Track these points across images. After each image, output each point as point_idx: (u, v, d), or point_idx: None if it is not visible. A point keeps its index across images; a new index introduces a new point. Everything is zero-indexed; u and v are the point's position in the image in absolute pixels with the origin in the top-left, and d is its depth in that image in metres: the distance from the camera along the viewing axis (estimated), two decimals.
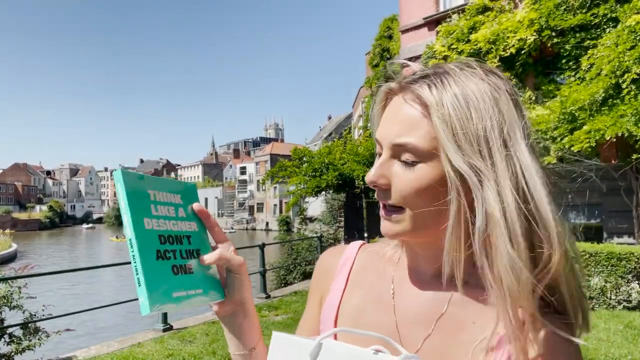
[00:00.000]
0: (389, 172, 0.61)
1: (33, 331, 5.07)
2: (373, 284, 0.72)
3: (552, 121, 9.04)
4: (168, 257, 0.65)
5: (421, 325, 0.65)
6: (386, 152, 0.62)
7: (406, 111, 0.60)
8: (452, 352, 0.61)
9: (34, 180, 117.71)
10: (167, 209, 0.68)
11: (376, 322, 0.68)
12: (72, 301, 14.49)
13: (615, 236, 9.24)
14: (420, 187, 0.59)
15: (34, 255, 36.69)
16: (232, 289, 0.71)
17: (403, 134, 0.59)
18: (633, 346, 5.14)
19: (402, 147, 0.60)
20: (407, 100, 0.60)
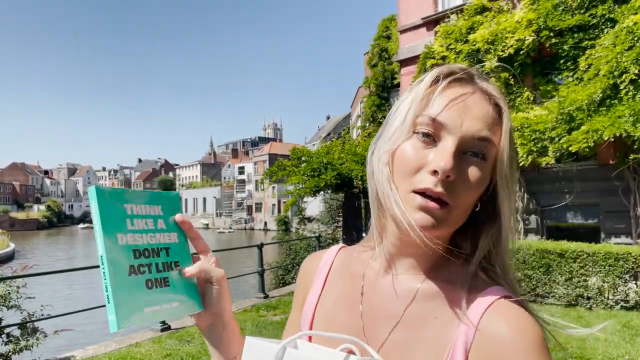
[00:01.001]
0: (459, 164, 0.59)
1: (31, 331, 5.05)
2: (346, 285, 0.73)
3: (550, 121, 9.06)
4: (142, 271, 0.65)
5: (385, 322, 0.65)
6: (455, 141, 0.58)
7: (487, 109, 0.61)
8: (415, 347, 0.61)
9: (31, 179, 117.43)
10: (144, 222, 0.67)
11: (346, 322, 0.68)
12: (69, 301, 14.45)
13: (612, 236, 9.25)
14: (482, 184, 0.60)
15: (31, 255, 36.65)
16: (210, 300, 0.71)
17: (484, 129, 0.59)
18: (630, 346, 5.16)
19: (482, 141, 0.59)
20: (482, 97, 0.62)
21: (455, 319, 0.59)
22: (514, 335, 0.55)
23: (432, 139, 0.60)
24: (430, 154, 0.59)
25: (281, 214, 59.14)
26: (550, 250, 7.17)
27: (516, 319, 0.56)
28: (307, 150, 16.09)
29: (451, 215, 0.59)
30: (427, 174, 0.58)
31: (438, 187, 0.57)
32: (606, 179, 9.03)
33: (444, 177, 0.57)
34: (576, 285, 6.95)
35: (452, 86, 0.62)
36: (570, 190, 9.87)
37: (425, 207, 0.58)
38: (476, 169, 0.59)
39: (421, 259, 0.66)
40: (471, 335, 0.57)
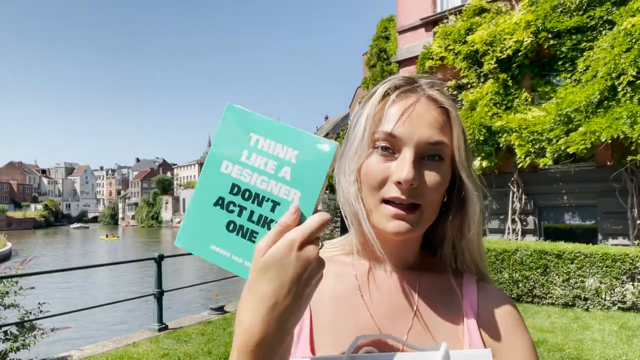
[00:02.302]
0: (418, 170, 0.64)
1: (29, 329, 5.04)
2: (335, 287, 0.72)
3: (548, 123, 9.08)
4: (230, 210, 0.55)
5: (400, 316, 0.70)
6: (411, 150, 0.64)
7: (435, 114, 0.66)
8: (434, 331, 0.69)
9: (29, 179, 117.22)
10: (264, 161, 0.56)
11: (355, 322, 0.68)
12: (66, 300, 14.43)
13: (610, 237, 9.28)
14: (443, 184, 0.66)
15: (27, 253, 36.56)
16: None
17: (436, 135, 0.65)
18: (627, 347, 5.17)
19: (436, 146, 0.65)
20: (430, 105, 0.67)
21: (457, 304, 0.71)
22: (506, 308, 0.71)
23: (391, 152, 0.65)
24: (392, 166, 0.64)
25: None
26: (548, 251, 7.18)
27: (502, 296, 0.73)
28: None
29: (424, 215, 0.65)
30: (392, 185, 0.64)
31: (405, 195, 0.63)
32: (604, 180, 9.05)
33: (407, 186, 0.63)
34: (573, 286, 6.96)
35: (401, 98, 0.67)
36: (568, 191, 9.90)
37: (397, 215, 0.64)
38: (435, 170, 0.65)
39: (408, 255, 0.73)
40: (475, 308, 0.70)
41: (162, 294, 6.37)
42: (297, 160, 0.55)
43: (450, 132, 0.67)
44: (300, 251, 0.50)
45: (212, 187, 0.56)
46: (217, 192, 0.55)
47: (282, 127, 0.56)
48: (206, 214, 0.55)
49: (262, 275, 0.50)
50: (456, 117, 0.68)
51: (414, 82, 0.69)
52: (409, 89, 0.68)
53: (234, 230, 0.55)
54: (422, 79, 0.70)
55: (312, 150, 0.55)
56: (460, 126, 0.68)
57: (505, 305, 0.71)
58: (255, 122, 0.57)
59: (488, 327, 0.69)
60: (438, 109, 0.67)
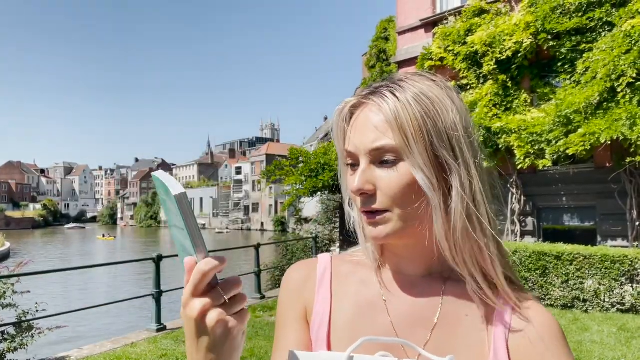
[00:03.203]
0: (372, 177, 0.64)
1: (26, 328, 5.02)
2: (359, 292, 0.72)
3: (547, 124, 9.08)
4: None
5: (420, 325, 0.67)
6: (364, 159, 0.64)
7: (375, 118, 0.64)
8: (455, 344, 0.65)
9: (27, 178, 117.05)
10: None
11: (374, 329, 0.68)
12: (64, 301, 14.41)
13: (609, 239, 9.28)
14: (405, 184, 0.62)
15: (26, 253, 36.54)
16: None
17: (378, 138, 0.63)
18: (626, 348, 5.17)
19: (381, 149, 0.63)
20: (373, 110, 0.64)
21: (484, 316, 0.65)
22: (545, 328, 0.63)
23: (355, 166, 0.66)
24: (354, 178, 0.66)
25: (278, 215, 59.14)
26: (547, 252, 7.18)
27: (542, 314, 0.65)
28: (304, 151, 16.10)
29: (394, 217, 0.63)
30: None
31: (366, 204, 0.64)
32: (603, 181, 9.05)
33: (358, 195, 0.64)
34: (572, 288, 6.96)
35: (349, 114, 0.68)
36: (567, 192, 9.90)
37: (370, 222, 0.64)
38: (388, 173, 0.63)
39: (428, 261, 0.69)
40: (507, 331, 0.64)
41: (160, 294, 6.36)
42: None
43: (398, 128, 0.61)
44: (185, 309, 0.53)
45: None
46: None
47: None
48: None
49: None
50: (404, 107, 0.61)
51: (370, 91, 0.66)
52: (355, 102, 0.68)
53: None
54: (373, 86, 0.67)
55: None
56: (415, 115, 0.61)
57: (545, 323, 0.63)
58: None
59: (520, 348, 0.62)
60: (381, 114, 0.63)
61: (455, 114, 0.63)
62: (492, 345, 0.63)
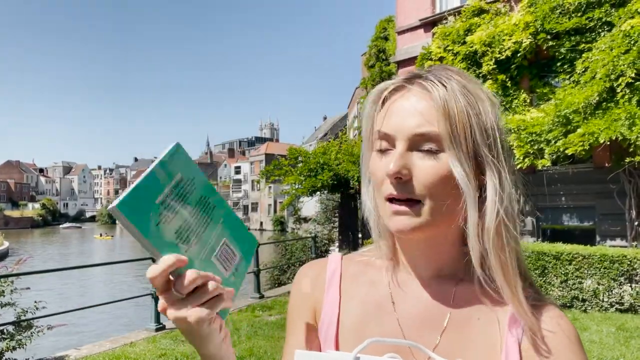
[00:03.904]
0: (410, 162, 0.61)
1: (25, 327, 5.01)
2: (368, 293, 0.71)
3: (546, 124, 9.08)
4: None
5: (429, 328, 0.66)
6: (402, 144, 0.61)
7: (420, 103, 0.62)
8: (465, 348, 0.63)
9: (26, 177, 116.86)
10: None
11: (381, 330, 0.67)
12: (63, 300, 14.39)
13: (608, 239, 9.29)
14: (443, 176, 0.60)
15: (23, 252, 36.49)
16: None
17: (423, 125, 0.61)
18: (625, 348, 5.17)
19: (424, 136, 0.60)
20: (418, 95, 0.63)
21: (496, 318, 0.64)
22: (558, 330, 0.61)
23: (387, 149, 0.64)
24: (387, 161, 0.63)
25: (277, 214, 59.08)
26: (546, 252, 7.18)
27: (556, 316, 0.63)
28: (304, 151, 16.09)
29: (425, 209, 0.61)
30: (387, 181, 0.62)
31: (398, 190, 0.61)
32: (602, 181, 9.06)
33: (393, 179, 0.61)
34: (571, 288, 6.96)
35: (393, 95, 0.65)
36: (566, 192, 9.91)
37: (396, 211, 0.61)
38: (429, 162, 0.60)
39: (441, 260, 0.68)
40: (520, 333, 0.62)
41: None
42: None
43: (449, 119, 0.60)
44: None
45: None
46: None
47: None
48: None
49: None
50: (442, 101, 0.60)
51: (412, 77, 0.65)
52: (401, 84, 0.65)
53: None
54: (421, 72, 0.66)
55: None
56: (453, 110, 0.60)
57: (559, 327, 0.62)
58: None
59: (533, 354, 0.61)
60: (429, 101, 0.62)
61: (493, 114, 0.63)
62: (504, 350, 0.61)
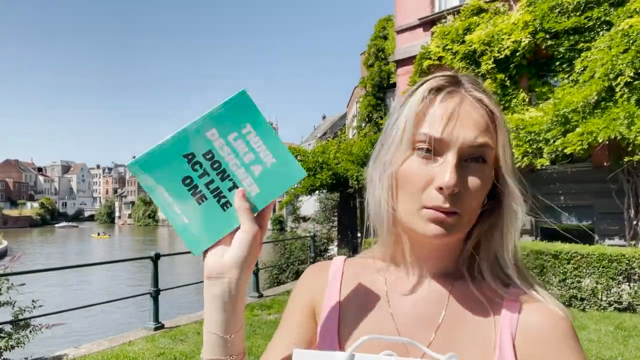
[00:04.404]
0: (462, 176, 0.61)
1: (23, 327, 5.00)
2: (366, 294, 0.73)
3: (545, 123, 9.09)
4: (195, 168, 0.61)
5: (424, 325, 0.67)
6: (455, 154, 0.61)
7: (479, 115, 0.63)
8: (459, 345, 0.64)
9: (25, 176, 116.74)
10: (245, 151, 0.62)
11: (377, 327, 0.69)
12: (62, 299, 14.38)
13: (606, 238, 9.30)
14: (484, 189, 0.63)
15: (19, 250, 36.46)
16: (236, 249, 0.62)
17: (480, 136, 0.62)
18: (624, 347, 5.18)
19: (481, 148, 0.62)
20: (477, 105, 0.64)
21: (491, 316, 0.65)
22: (551, 326, 0.62)
23: (432, 155, 0.62)
24: (433, 170, 0.61)
25: (276, 213, 59.02)
26: (545, 251, 7.19)
27: (550, 312, 0.63)
28: (302, 150, 16.07)
29: (462, 220, 0.62)
30: (434, 191, 0.61)
31: (446, 203, 0.60)
32: (600, 181, 9.07)
33: (449, 191, 0.60)
34: (570, 287, 6.97)
35: (444, 99, 0.64)
36: (565, 191, 9.92)
37: (436, 219, 0.61)
38: (478, 174, 0.62)
39: (443, 262, 0.70)
40: (514, 327, 0.63)
41: (158, 292, 6.35)
42: (271, 166, 0.63)
43: (495, 134, 0.63)
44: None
45: (190, 141, 0.61)
46: (192, 148, 0.61)
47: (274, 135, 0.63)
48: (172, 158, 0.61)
49: None
50: (501, 119, 0.64)
51: (457, 82, 0.66)
52: (453, 88, 0.65)
53: (189, 185, 0.61)
54: (464, 78, 0.67)
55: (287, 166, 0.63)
56: (505, 128, 0.65)
57: (554, 322, 0.62)
58: (257, 117, 0.62)
59: (527, 347, 0.62)
60: (482, 110, 0.63)
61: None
62: (498, 344, 0.62)
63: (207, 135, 0.61)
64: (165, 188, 0.61)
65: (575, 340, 0.62)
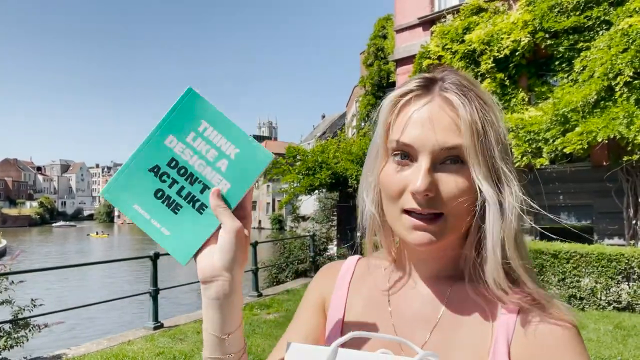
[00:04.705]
0: (435, 178, 0.61)
1: (22, 326, 4.99)
2: (371, 292, 0.75)
3: (544, 123, 9.09)
4: (163, 180, 0.61)
5: (420, 325, 0.68)
6: (427, 158, 0.61)
7: (444, 115, 0.61)
8: (454, 347, 0.64)
9: (24, 176, 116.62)
10: (206, 148, 0.62)
11: (377, 325, 0.70)
12: (61, 298, 14.36)
13: (606, 237, 9.31)
14: (467, 190, 0.61)
15: (24, 251, 36.43)
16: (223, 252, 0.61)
17: (451, 138, 0.60)
18: (622, 346, 5.19)
19: (452, 149, 0.60)
20: (440, 104, 0.62)
21: (488, 319, 0.64)
22: (551, 331, 0.60)
23: (407, 160, 0.63)
24: (408, 176, 0.62)
25: (275, 213, 59.09)
26: (544, 250, 7.20)
27: (551, 317, 0.61)
28: (302, 149, 16.06)
29: (448, 223, 0.61)
30: (410, 195, 0.61)
31: (423, 206, 0.60)
32: (600, 180, 9.08)
33: (422, 196, 0.60)
34: (569, 286, 6.98)
35: (413, 103, 0.63)
36: (564, 191, 9.93)
37: (418, 226, 0.61)
38: (455, 176, 0.61)
39: (440, 264, 0.69)
40: (511, 332, 0.61)
41: (157, 292, 6.35)
42: (236, 157, 0.62)
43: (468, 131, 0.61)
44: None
45: (151, 154, 0.61)
46: (155, 160, 0.61)
47: (231, 124, 0.62)
48: (139, 175, 0.61)
49: None
50: (470, 119, 0.60)
51: (429, 84, 0.65)
52: (422, 92, 0.64)
53: (161, 198, 0.61)
54: (443, 76, 0.65)
55: (251, 153, 0.62)
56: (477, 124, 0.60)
57: (558, 323, 0.60)
58: (209, 112, 0.62)
59: (522, 353, 0.60)
60: (452, 112, 0.61)
61: (503, 121, 0.64)
62: (492, 348, 0.61)
63: (166, 144, 0.61)
64: (140, 206, 0.61)
65: (580, 348, 0.59)
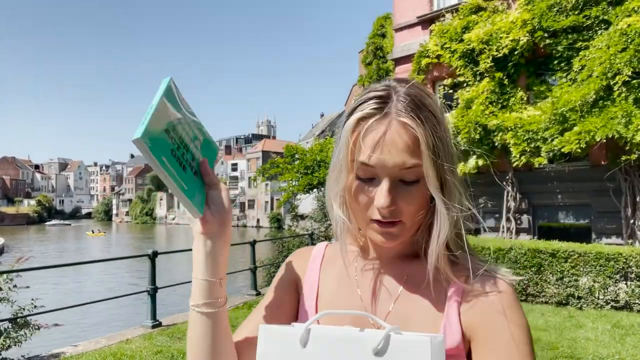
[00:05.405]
0: (395, 194, 0.70)
1: (21, 325, 4.98)
2: (341, 272, 0.84)
3: (543, 122, 9.10)
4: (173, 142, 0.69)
5: (384, 299, 0.78)
6: (389, 176, 0.69)
7: (406, 138, 0.68)
8: (414, 314, 0.74)
9: (22, 174, 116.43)
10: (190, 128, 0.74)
11: (348, 303, 0.80)
12: (59, 297, 14.35)
13: (603, 237, 9.33)
14: (422, 202, 0.72)
15: (23, 250, 36.37)
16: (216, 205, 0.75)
17: (408, 159, 0.68)
18: (620, 345, 5.20)
19: (410, 169, 0.69)
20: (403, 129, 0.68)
21: (442, 289, 0.74)
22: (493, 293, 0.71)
23: (369, 179, 0.71)
24: (372, 191, 0.71)
25: (274, 211, 59.12)
26: (542, 250, 7.20)
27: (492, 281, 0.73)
28: (300, 148, 16.08)
29: (406, 227, 0.72)
30: (375, 208, 0.71)
31: (387, 217, 0.71)
32: (598, 179, 9.10)
33: (385, 211, 0.70)
34: (567, 285, 6.99)
35: (374, 128, 0.69)
36: (563, 190, 9.95)
37: (383, 231, 0.72)
38: (412, 191, 0.70)
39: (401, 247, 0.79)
40: (460, 298, 0.72)
41: (156, 290, 6.34)
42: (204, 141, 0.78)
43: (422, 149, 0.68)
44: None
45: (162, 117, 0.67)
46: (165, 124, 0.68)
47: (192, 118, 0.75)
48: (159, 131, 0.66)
49: None
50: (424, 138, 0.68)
51: (383, 105, 0.69)
52: (380, 116, 0.69)
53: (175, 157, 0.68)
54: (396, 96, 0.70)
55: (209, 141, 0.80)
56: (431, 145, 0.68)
57: (495, 287, 0.72)
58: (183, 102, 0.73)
59: (471, 311, 0.71)
60: (408, 134, 0.68)
61: (448, 127, 0.73)
62: (445, 316, 0.72)
63: (168, 114, 0.69)
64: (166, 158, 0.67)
65: (516, 307, 0.70)
